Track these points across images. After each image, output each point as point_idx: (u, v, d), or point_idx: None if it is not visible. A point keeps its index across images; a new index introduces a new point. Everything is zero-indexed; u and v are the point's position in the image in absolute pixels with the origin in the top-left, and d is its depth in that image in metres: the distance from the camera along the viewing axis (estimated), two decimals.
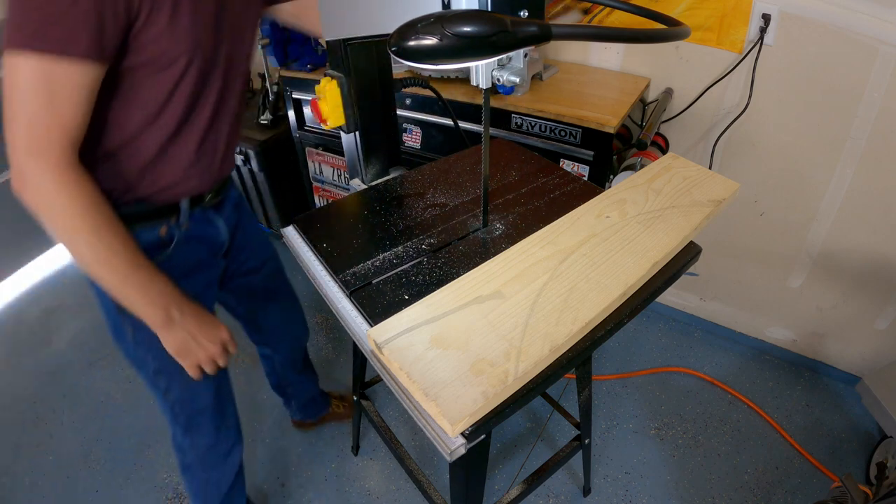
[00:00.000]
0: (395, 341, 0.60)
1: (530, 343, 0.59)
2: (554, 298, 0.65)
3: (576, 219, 0.78)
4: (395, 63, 0.94)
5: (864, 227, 1.45)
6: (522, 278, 0.67)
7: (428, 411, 0.56)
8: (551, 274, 0.67)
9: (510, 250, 0.72)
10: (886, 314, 1.54)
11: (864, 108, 1.30)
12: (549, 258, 0.70)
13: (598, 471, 1.50)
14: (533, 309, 0.62)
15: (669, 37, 0.57)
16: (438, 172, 1.04)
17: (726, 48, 1.40)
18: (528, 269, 0.69)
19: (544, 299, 0.64)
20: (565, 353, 0.63)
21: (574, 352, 0.64)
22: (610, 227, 0.76)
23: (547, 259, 0.70)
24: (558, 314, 0.62)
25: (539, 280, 0.67)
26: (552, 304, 0.64)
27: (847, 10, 1.23)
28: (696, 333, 1.91)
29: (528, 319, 0.61)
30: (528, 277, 0.67)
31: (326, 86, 0.91)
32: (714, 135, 1.52)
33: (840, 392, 1.70)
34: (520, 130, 1.44)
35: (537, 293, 0.65)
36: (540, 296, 0.64)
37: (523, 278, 0.67)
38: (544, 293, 0.65)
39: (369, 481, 1.50)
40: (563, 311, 0.63)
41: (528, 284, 0.66)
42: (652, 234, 0.75)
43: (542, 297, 0.64)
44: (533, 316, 0.62)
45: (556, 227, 0.76)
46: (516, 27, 0.50)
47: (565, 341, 0.60)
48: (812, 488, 1.44)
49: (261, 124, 2.09)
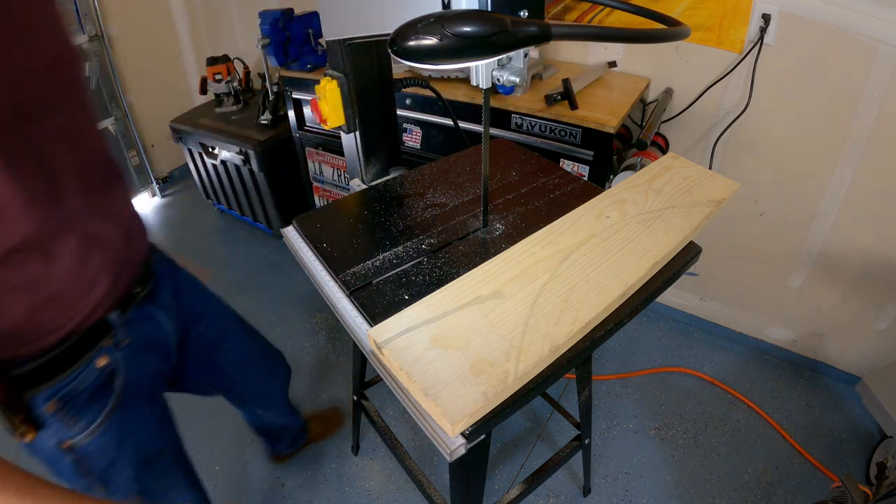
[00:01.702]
0: (395, 341, 0.60)
1: (530, 343, 0.59)
2: (554, 298, 0.65)
3: (576, 219, 0.78)
4: (395, 63, 0.94)
5: (864, 227, 1.45)
6: (522, 278, 0.67)
7: (428, 411, 0.56)
8: (551, 274, 0.67)
9: (510, 250, 0.72)
10: (886, 314, 1.54)
11: (864, 108, 1.30)
12: (549, 258, 0.70)
13: (598, 471, 1.49)
14: (533, 309, 0.62)
15: (669, 37, 0.57)
16: (438, 172, 1.04)
17: (726, 48, 1.40)
18: (528, 269, 0.69)
19: (544, 299, 0.64)
20: (565, 354, 0.63)
21: (574, 352, 0.64)
22: (610, 227, 0.76)
23: (547, 259, 0.70)
24: (558, 314, 0.62)
25: (539, 280, 0.67)
26: (552, 303, 0.64)
27: (847, 10, 1.23)
28: (696, 333, 1.91)
29: (528, 319, 0.61)
30: (528, 277, 0.67)
31: (326, 86, 0.91)
32: (714, 135, 1.52)
33: (840, 392, 1.70)
34: (520, 130, 1.44)
35: (537, 293, 0.65)
36: (540, 296, 0.64)
37: (523, 278, 0.67)
38: (544, 293, 0.65)
39: (369, 481, 1.50)
40: (563, 310, 0.63)
41: (528, 284, 0.66)
42: (652, 233, 0.75)
43: (542, 296, 0.64)
44: (533, 316, 0.62)
45: (556, 227, 0.76)
46: (516, 27, 0.50)
47: (565, 341, 0.61)
48: (812, 488, 1.44)
49: (261, 124, 2.09)
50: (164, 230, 2.52)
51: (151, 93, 2.58)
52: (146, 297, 0.77)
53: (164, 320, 0.81)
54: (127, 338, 0.73)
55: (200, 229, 2.52)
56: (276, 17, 1.69)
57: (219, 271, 2.24)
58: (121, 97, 2.44)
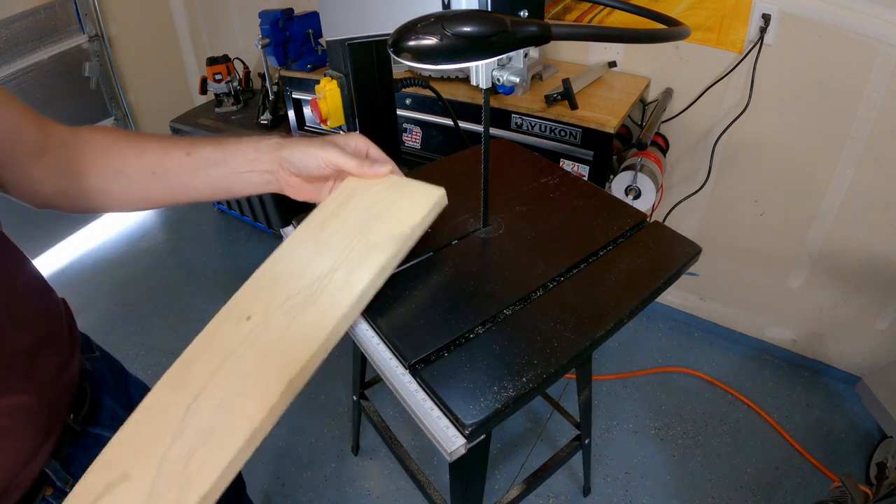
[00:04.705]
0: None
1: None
2: (170, 479, 0.46)
3: (213, 333, 0.56)
4: (395, 63, 0.94)
5: (865, 227, 1.45)
6: (142, 452, 0.48)
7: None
8: (172, 434, 0.49)
9: (137, 412, 0.51)
10: (886, 314, 1.54)
11: (864, 108, 1.30)
12: (175, 408, 0.50)
13: (598, 471, 1.49)
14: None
15: (669, 37, 0.57)
16: (438, 172, 1.03)
17: (726, 48, 1.40)
18: (148, 437, 0.49)
19: (161, 484, 0.46)
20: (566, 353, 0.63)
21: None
22: (250, 335, 0.55)
23: (174, 408, 0.50)
24: (177, 492, 0.46)
25: (158, 451, 0.48)
26: (171, 486, 0.46)
27: (847, 10, 1.23)
28: (696, 333, 1.91)
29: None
30: (148, 448, 0.48)
31: (326, 86, 0.91)
32: (714, 135, 1.52)
33: (840, 392, 1.70)
34: (520, 130, 1.44)
35: (157, 466, 0.47)
36: (156, 481, 0.46)
37: (143, 452, 0.48)
38: (161, 475, 0.47)
39: (369, 481, 1.50)
40: (183, 488, 0.46)
41: (149, 457, 0.47)
42: (291, 332, 0.55)
43: (158, 482, 0.46)
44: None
45: (191, 352, 0.55)
46: (516, 27, 0.50)
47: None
48: (812, 488, 1.44)
49: (261, 124, 2.09)
50: (164, 230, 2.52)
51: (151, 93, 2.58)
52: (85, 419, 0.61)
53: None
54: (69, 479, 0.57)
55: (200, 229, 2.52)
56: (276, 17, 1.69)
57: (218, 271, 2.24)
58: (121, 97, 2.44)
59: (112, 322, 2.03)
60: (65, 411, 0.57)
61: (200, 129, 2.13)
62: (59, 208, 0.62)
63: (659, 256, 0.79)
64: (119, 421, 0.61)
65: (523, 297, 0.71)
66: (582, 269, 0.77)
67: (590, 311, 0.69)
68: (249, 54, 2.44)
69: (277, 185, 0.64)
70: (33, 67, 2.09)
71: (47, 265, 2.35)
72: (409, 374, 0.63)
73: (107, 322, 2.03)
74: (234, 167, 0.61)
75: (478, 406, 0.57)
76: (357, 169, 0.65)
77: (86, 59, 2.26)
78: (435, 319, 0.68)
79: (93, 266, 2.32)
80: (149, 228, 2.53)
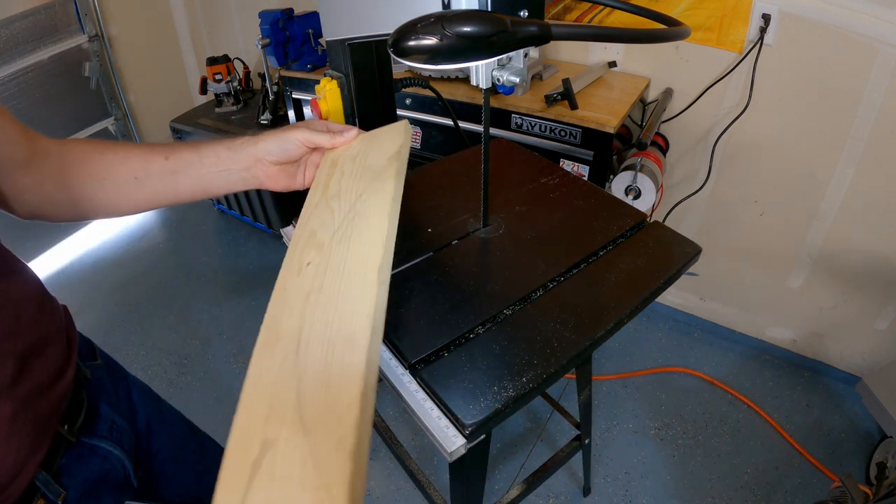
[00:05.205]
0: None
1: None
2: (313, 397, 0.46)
3: (283, 289, 0.60)
4: (395, 63, 0.94)
5: (864, 227, 1.45)
6: (272, 416, 0.46)
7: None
8: (297, 379, 0.49)
9: (246, 383, 0.49)
10: (886, 314, 1.54)
11: (864, 108, 1.30)
12: (283, 360, 0.51)
13: (598, 471, 1.49)
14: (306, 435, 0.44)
15: (669, 37, 0.57)
16: (438, 172, 1.04)
17: (726, 48, 1.40)
18: (271, 392, 0.48)
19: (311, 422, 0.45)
20: (565, 354, 0.63)
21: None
22: (317, 272, 0.59)
23: (282, 361, 0.51)
24: (325, 407, 0.45)
25: (286, 399, 0.47)
26: (318, 399, 0.46)
27: (847, 10, 1.23)
28: (696, 333, 1.91)
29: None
30: (278, 405, 0.47)
31: (326, 86, 0.91)
32: (714, 135, 1.52)
33: (840, 392, 1.70)
34: (520, 130, 1.44)
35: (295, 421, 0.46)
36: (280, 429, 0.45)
37: (273, 415, 0.46)
38: (303, 420, 0.46)
39: (369, 481, 1.50)
40: (332, 407, 0.45)
41: (281, 416, 0.46)
42: (358, 239, 0.61)
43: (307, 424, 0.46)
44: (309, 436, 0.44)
45: (272, 315, 0.57)
46: (516, 27, 0.50)
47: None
48: (812, 488, 1.44)
49: (261, 124, 2.09)
50: (164, 230, 2.52)
51: (151, 93, 2.58)
52: (81, 429, 0.59)
53: (111, 448, 0.63)
54: (62, 492, 0.55)
55: (200, 229, 2.52)
56: (276, 17, 1.69)
57: (218, 272, 2.24)
58: (121, 97, 2.44)
59: (112, 322, 2.03)
60: (56, 421, 0.56)
61: (200, 129, 2.13)
62: (46, 218, 0.64)
63: (659, 256, 0.79)
64: (118, 431, 0.65)
65: (523, 297, 0.71)
66: (582, 269, 0.77)
67: (590, 311, 0.69)
68: (249, 54, 2.44)
69: (255, 180, 0.68)
70: (33, 67, 2.09)
71: (47, 266, 2.35)
72: (409, 374, 0.63)
73: (107, 322, 2.03)
74: (210, 167, 0.65)
75: (478, 406, 0.57)
76: (330, 140, 0.70)
77: (86, 59, 2.26)
78: (435, 319, 0.68)
79: (93, 266, 2.32)
80: (149, 228, 2.53)
